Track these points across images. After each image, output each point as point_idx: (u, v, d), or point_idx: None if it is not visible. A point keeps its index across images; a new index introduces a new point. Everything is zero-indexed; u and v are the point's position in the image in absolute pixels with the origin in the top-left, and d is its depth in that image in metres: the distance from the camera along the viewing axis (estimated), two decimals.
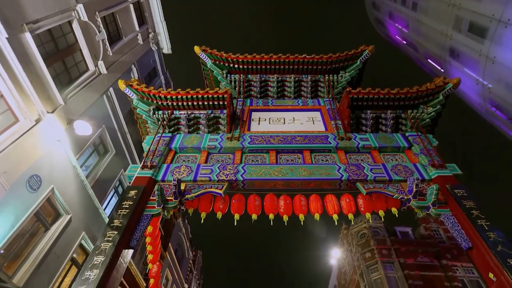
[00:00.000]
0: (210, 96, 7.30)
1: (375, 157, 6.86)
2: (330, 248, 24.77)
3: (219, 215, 6.16)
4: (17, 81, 7.30)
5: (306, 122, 7.85)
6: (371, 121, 7.45)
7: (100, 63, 10.95)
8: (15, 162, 7.04)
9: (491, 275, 4.64)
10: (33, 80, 7.76)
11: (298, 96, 9.06)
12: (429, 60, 21.50)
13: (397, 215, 6.21)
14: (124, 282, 11.90)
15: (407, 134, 7.36)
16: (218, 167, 6.36)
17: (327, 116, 7.96)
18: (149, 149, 6.80)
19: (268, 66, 8.90)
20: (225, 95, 7.23)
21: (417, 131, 7.24)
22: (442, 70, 19.51)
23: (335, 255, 24.68)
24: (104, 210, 10.66)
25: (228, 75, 9.19)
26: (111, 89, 11.29)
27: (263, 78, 9.02)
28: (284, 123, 7.82)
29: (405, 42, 25.20)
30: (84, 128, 8.42)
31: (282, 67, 8.88)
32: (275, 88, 8.97)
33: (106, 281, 4.43)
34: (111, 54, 11.76)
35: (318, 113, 8.14)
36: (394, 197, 5.96)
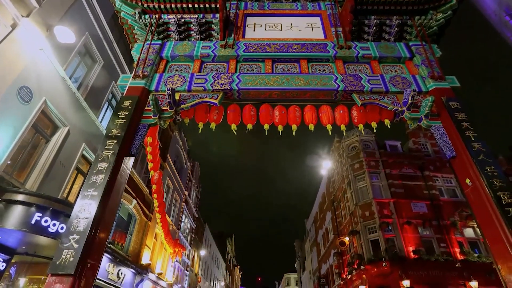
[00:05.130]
0: None
1: (374, 67, 6.62)
2: (321, 159, 26.13)
3: (213, 125, 6.19)
4: None
5: (304, 28, 7.29)
6: (374, 28, 6.94)
7: None
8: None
9: (467, 181, 5.01)
10: None
11: None
12: None
13: (389, 127, 6.30)
14: (129, 189, 12.91)
15: (410, 43, 6.96)
16: (212, 77, 6.15)
17: (327, 22, 7.35)
18: (139, 57, 6.44)
19: None
20: None
21: (422, 40, 6.83)
22: None
23: (326, 166, 26.25)
24: (101, 122, 10.78)
25: None
26: None
27: None
28: (281, 30, 7.26)
29: None
30: (66, 34, 7.79)
31: None
32: None
33: (112, 184, 4.72)
34: None
35: (318, 18, 7.49)
36: (388, 108, 5.92)
